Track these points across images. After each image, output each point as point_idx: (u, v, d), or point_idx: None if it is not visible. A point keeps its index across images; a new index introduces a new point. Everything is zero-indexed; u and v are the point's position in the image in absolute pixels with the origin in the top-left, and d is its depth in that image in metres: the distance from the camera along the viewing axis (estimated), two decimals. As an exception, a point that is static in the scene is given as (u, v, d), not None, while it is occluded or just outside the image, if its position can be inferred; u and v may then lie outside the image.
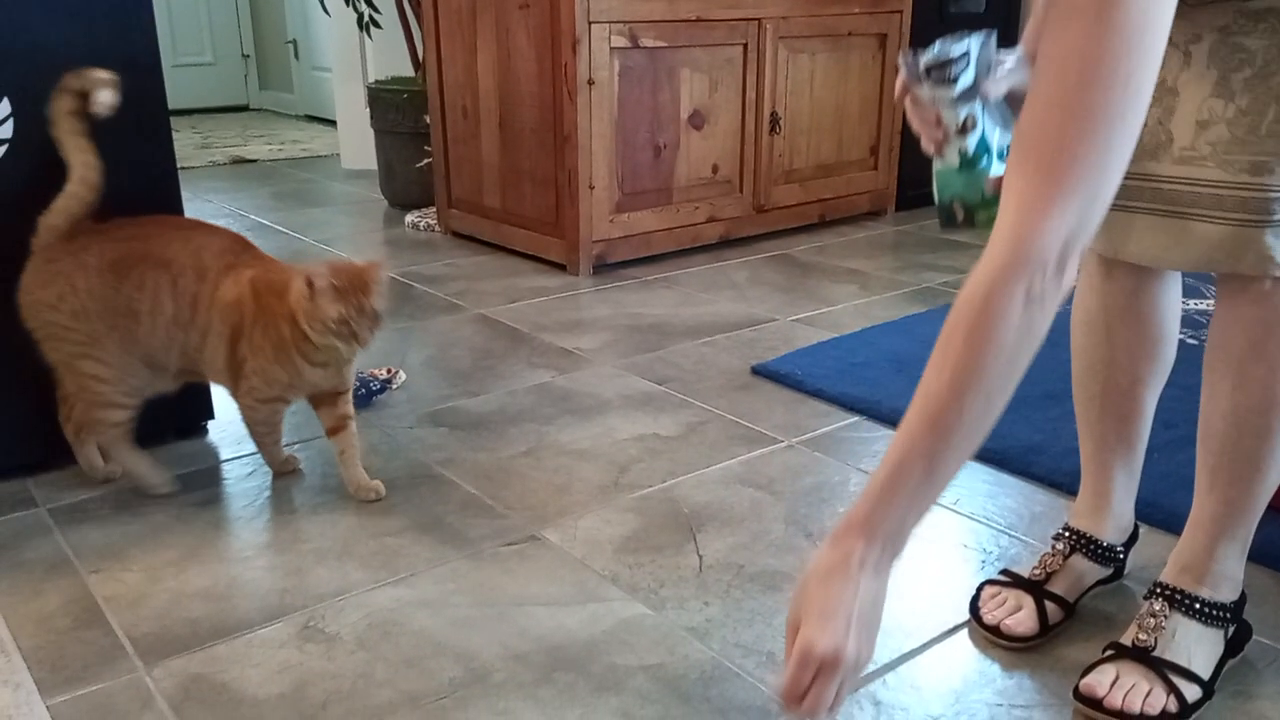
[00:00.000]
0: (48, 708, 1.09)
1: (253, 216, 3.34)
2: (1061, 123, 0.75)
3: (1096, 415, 1.22)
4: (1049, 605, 1.19)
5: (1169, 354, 1.18)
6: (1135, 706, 1.05)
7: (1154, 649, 1.08)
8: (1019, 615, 1.19)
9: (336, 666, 1.16)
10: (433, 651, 1.18)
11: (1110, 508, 1.24)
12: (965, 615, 1.24)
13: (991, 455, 1.63)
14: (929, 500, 0.84)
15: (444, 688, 1.12)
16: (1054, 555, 1.23)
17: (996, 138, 0.97)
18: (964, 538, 1.42)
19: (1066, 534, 1.25)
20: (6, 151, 1.47)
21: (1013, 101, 0.98)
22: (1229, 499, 1.08)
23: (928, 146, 1.00)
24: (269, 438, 1.56)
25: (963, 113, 0.95)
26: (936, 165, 1.00)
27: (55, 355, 1.47)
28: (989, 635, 1.19)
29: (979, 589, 1.25)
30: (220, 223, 3.22)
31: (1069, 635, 1.20)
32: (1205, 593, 1.10)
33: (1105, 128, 0.74)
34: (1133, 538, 1.28)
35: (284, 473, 1.60)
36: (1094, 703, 1.06)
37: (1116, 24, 0.72)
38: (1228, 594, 1.10)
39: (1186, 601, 1.10)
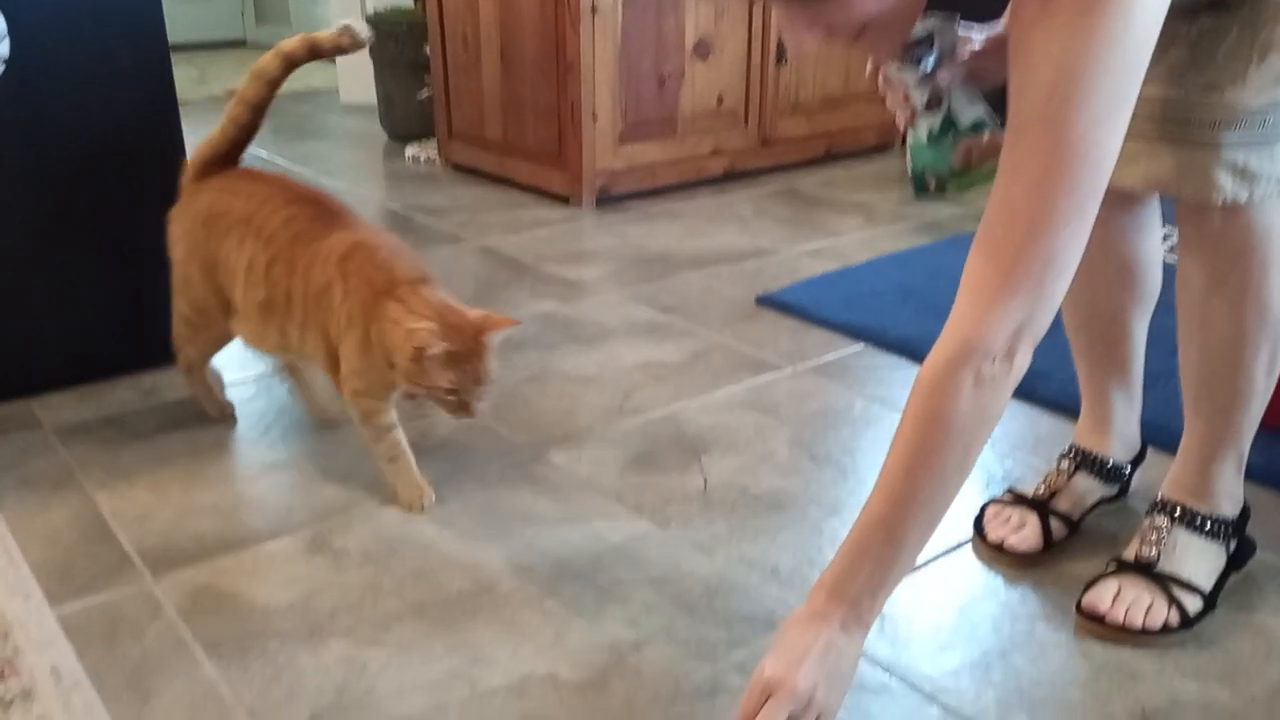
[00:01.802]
0: (57, 617, 1.09)
1: (250, 150, 3.30)
2: (1012, 224, 0.80)
3: (1085, 344, 1.23)
4: (1053, 522, 1.20)
5: (1149, 283, 1.18)
6: (1137, 620, 1.05)
7: (1157, 563, 1.09)
8: (1023, 532, 1.19)
9: (344, 578, 1.16)
10: (440, 565, 1.19)
11: (1112, 427, 1.24)
12: (969, 533, 1.24)
13: (997, 381, 1.63)
14: (895, 570, 0.87)
15: (451, 599, 1.13)
16: (1059, 473, 1.23)
17: (963, 113, 1.03)
18: (969, 460, 1.42)
19: (1071, 452, 1.25)
20: (5, 71, 1.45)
21: (978, 77, 1.02)
22: (1213, 427, 1.09)
23: (900, 122, 1.04)
24: (380, 446, 1.31)
25: (928, 91, 1.00)
26: (909, 139, 1.06)
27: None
28: (993, 552, 1.19)
29: (983, 507, 1.25)
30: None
31: (1073, 551, 1.21)
32: (1205, 507, 1.10)
33: (1051, 233, 0.79)
34: (1140, 456, 1.28)
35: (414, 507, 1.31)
36: (1096, 617, 1.07)
37: (1067, 141, 0.77)
38: (1228, 508, 1.11)
39: (1187, 516, 1.10)
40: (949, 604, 1.13)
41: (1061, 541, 1.20)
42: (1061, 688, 1.00)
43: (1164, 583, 1.07)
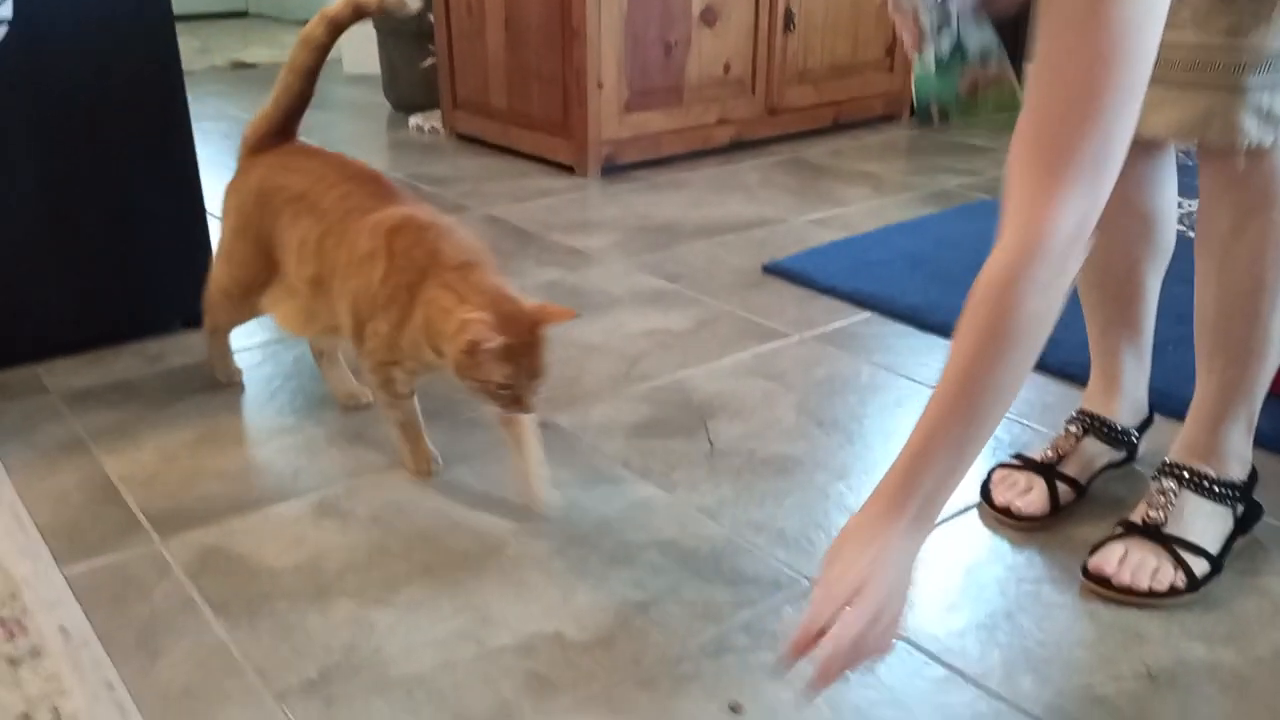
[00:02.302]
0: (65, 578, 1.10)
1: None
2: (1059, 122, 0.80)
3: (1098, 300, 1.22)
4: (1060, 486, 1.19)
5: (1165, 237, 1.17)
6: (1143, 583, 1.05)
7: (1164, 526, 1.08)
8: (1030, 496, 1.19)
9: (352, 540, 1.17)
10: (447, 528, 1.19)
11: (1121, 390, 1.23)
12: (975, 498, 1.24)
13: (1004, 348, 1.62)
14: (954, 478, 0.85)
15: (458, 560, 1.13)
16: (1066, 437, 1.23)
17: (971, 40, 1.01)
18: (975, 426, 1.42)
19: (1079, 417, 1.25)
20: (7, 33, 1.44)
21: (988, 4, 1.00)
22: (1226, 382, 1.08)
23: (907, 47, 1.03)
24: (395, 412, 1.29)
25: (936, 17, 0.99)
26: (916, 69, 1.06)
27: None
28: (999, 516, 1.19)
29: (990, 472, 1.25)
30: (221, 126, 3.18)
31: (1079, 515, 1.20)
32: (1214, 470, 1.10)
33: (1101, 125, 0.78)
34: (1147, 421, 1.27)
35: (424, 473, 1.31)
36: (1102, 580, 1.07)
37: (1108, 37, 0.76)
38: (1236, 472, 1.10)
39: (1195, 479, 1.10)
40: (955, 567, 1.13)
41: (1068, 506, 1.20)
42: (1067, 648, 1.00)
43: (1171, 545, 1.07)
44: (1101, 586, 1.07)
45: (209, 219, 1.68)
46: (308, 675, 0.96)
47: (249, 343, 1.67)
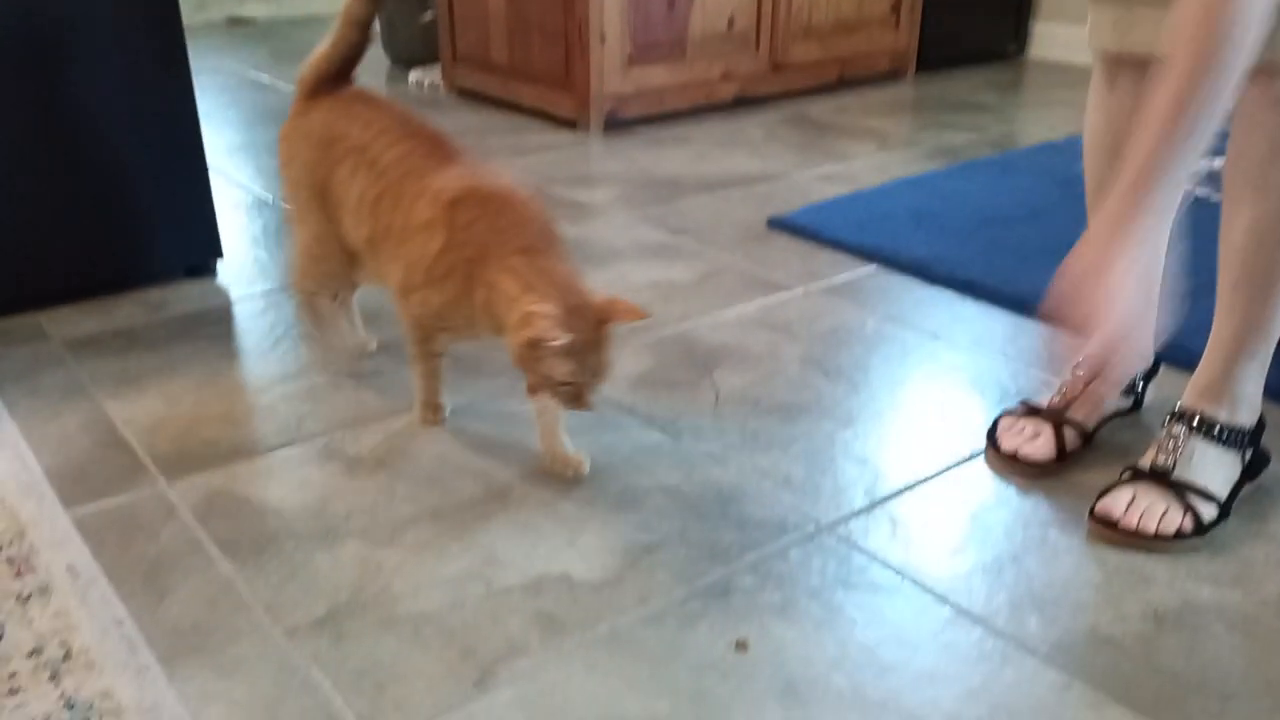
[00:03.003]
0: (71, 519, 1.10)
1: (250, 73, 3.25)
2: None
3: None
4: (1067, 432, 1.19)
5: None
6: (1150, 526, 1.06)
7: (1172, 471, 1.08)
8: (1037, 442, 1.19)
9: (358, 483, 1.17)
10: (453, 472, 1.19)
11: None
12: (981, 445, 1.24)
13: (1011, 299, 1.61)
14: (1200, 141, 0.86)
15: (464, 503, 1.13)
16: (1074, 383, 1.23)
17: None
18: (982, 375, 1.41)
19: (1086, 362, 1.24)
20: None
21: None
22: (1248, 316, 1.07)
23: None
24: (423, 364, 1.26)
25: None
26: None
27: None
28: (1006, 462, 1.19)
29: (996, 419, 1.25)
30: (218, 80, 3.14)
31: (1086, 462, 1.20)
32: (1224, 415, 1.09)
33: None
34: (1153, 370, 1.27)
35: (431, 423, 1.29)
36: (1110, 524, 1.07)
37: None
38: (1246, 417, 1.10)
39: (1206, 424, 1.09)
40: (961, 512, 1.13)
41: (1075, 453, 1.20)
42: (1074, 590, 1.00)
43: (1179, 490, 1.07)
44: (1109, 530, 1.07)
45: (208, 169, 1.66)
46: (316, 613, 0.97)
47: (250, 290, 1.66)
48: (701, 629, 0.95)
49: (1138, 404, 1.27)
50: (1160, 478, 1.08)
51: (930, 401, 1.35)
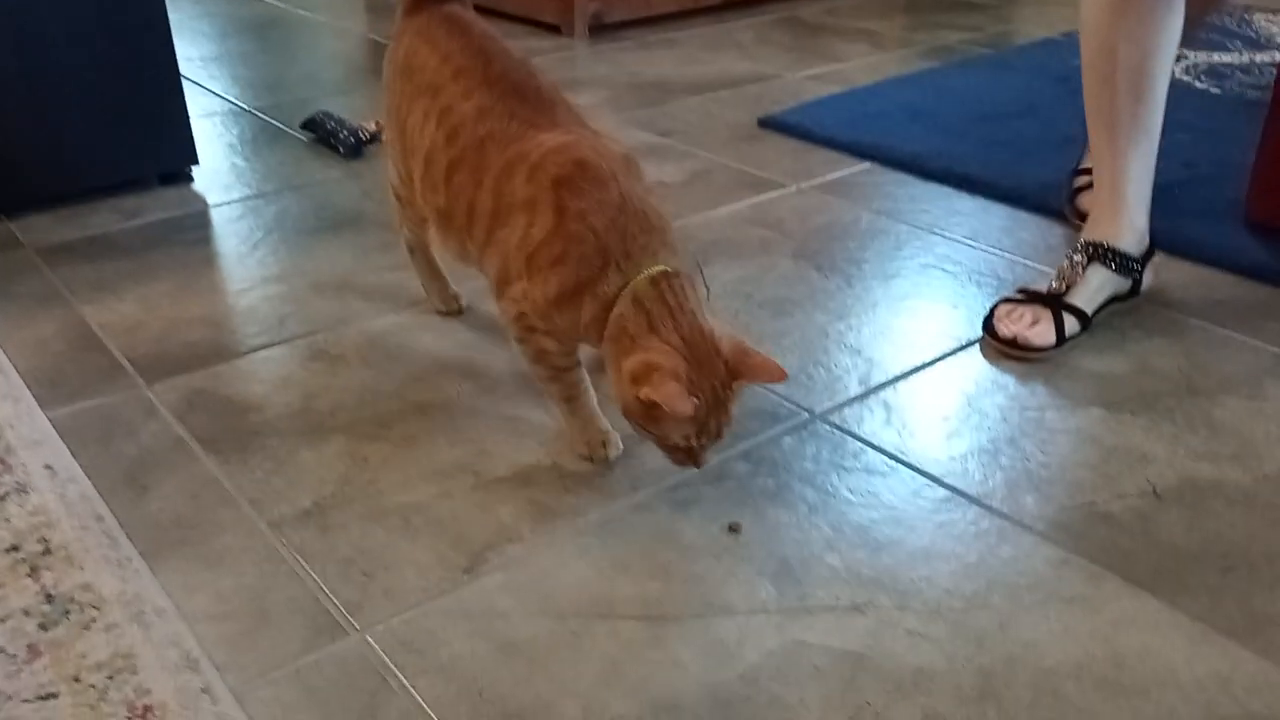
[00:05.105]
0: (49, 419, 1.07)
1: (225, -14, 3.13)
2: None
3: (1109, 100, 1.19)
4: (1067, 317, 1.17)
5: (1176, 23, 1.16)
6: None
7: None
8: (1037, 328, 1.16)
9: (342, 381, 1.14)
10: (439, 369, 1.17)
11: (1126, 210, 1.20)
12: (979, 334, 1.21)
13: (1008, 193, 1.58)
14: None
15: (452, 399, 1.11)
16: (1072, 267, 1.20)
17: None
18: (979, 267, 1.38)
19: (1084, 247, 1.21)
20: None
21: None
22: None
23: None
24: (556, 386, 1.01)
25: None
26: None
27: None
28: (1004, 348, 1.17)
29: (993, 306, 1.22)
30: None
31: (1084, 347, 1.18)
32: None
33: None
34: (1149, 253, 1.24)
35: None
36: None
37: None
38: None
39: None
40: (957, 397, 1.11)
41: (1074, 338, 1.18)
42: (1071, 470, 0.99)
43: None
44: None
45: (181, 77, 1.60)
46: (302, 505, 0.95)
47: (228, 196, 1.61)
48: (694, 515, 0.94)
49: (1136, 288, 1.24)
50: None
51: (925, 293, 1.32)
